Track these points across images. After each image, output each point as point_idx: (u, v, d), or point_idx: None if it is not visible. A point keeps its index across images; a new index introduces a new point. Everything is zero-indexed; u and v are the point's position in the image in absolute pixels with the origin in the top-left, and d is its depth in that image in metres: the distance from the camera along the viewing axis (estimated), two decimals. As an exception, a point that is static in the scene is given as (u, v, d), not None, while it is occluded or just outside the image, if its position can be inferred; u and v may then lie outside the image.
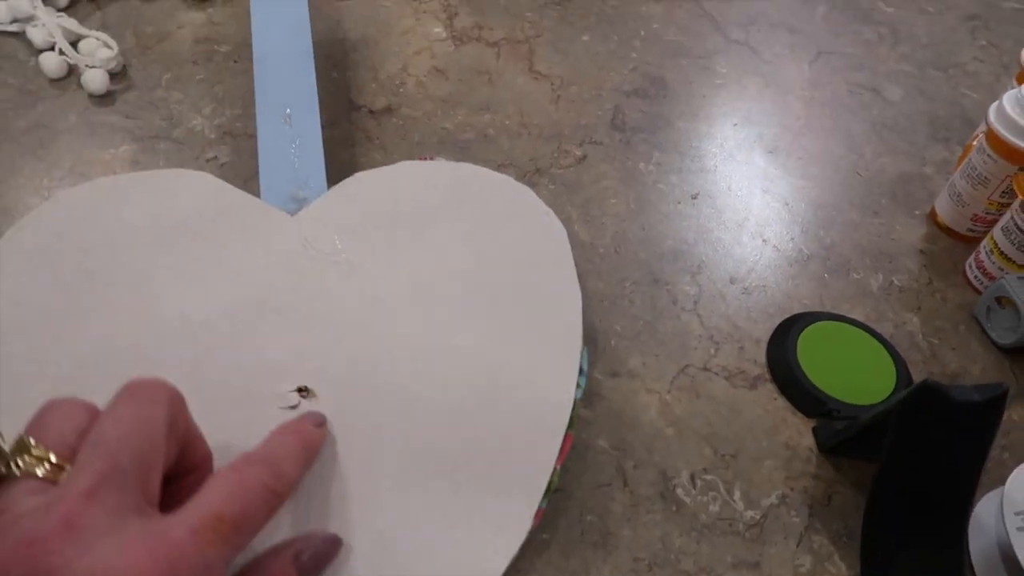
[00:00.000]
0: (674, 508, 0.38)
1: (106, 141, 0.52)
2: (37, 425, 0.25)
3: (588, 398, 0.42)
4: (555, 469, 0.34)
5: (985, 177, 0.49)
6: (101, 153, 0.51)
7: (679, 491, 0.39)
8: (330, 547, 0.30)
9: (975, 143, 0.50)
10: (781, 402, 0.42)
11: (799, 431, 0.41)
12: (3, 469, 0.24)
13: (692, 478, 0.39)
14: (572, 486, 0.38)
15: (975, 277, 0.50)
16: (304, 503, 0.32)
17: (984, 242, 0.49)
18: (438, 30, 0.62)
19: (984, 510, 0.39)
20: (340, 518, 0.32)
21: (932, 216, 0.54)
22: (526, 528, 0.33)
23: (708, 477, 0.39)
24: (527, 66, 0.60)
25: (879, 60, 0.65)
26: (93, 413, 0.26)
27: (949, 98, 0.63)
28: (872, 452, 0.38)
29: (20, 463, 0.23)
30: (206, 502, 0.24)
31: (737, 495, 0.39)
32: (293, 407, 0.35)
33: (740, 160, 0.56)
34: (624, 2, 0.67)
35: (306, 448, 0.30)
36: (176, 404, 0.26)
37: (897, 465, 0.37)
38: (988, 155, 0.48)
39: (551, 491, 0.34)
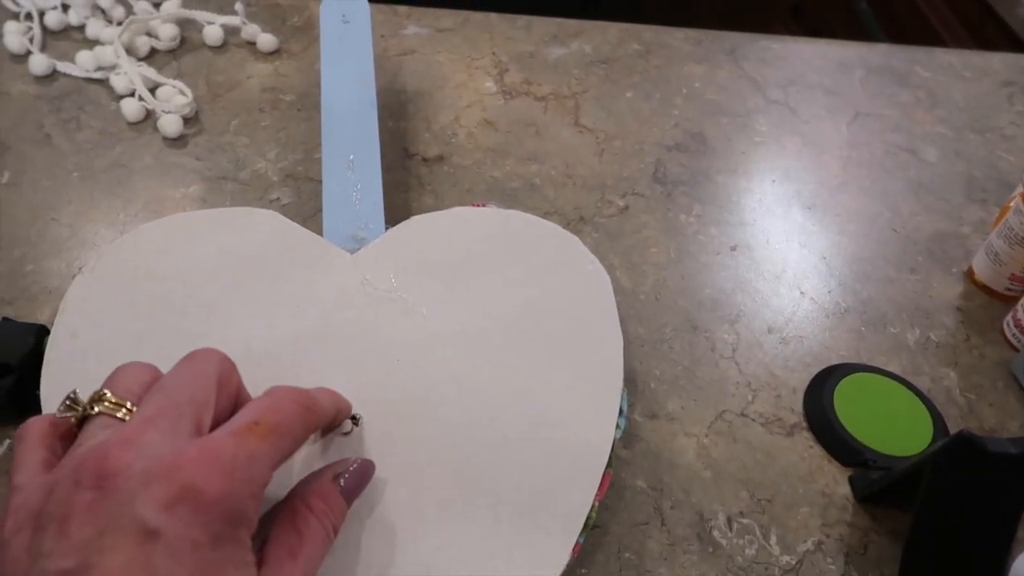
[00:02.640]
0: (710, 549, 0.39)
1: (178, 181, 0.55)
2: (111, 381, 0.29)
3: (627, 439, 0.43)
4: (593, 506, 0.36)
5: (1022, 237, 0.50)
6: (173, 192, 0.54)
7: (715, 533, 0.40)
8: (365, 469, 0.33)
9: (1012, 204, 0.52)
10: (817, 450, 0.43)
11: (835, 479, 0.42)
12: (82, 412, 0.28)
13: (728, 520, 0.40)
14: (610, 523, 0.39)
15: (1012, 335, 0.50)
16: (350, 526, 0.34)
17: (1022, 301, 0.50)
18: (489, 84, 0.66)
19: (1023, 566, 0.39)
20: (385, 542, 0.34)
21: (969, 274, 0.55)
22: (564, 562, 0.34)
23: (744, 520, 0.40)
24: (573, 120, 0.63)
25: (916, 122, 0.67)
26: (157, 373, 0.30)
27: (986, 160, 0.64)
28: (909, 502, 0.38)
29: (96, 407, 0.28)
30: (243, 414, 0.28)
31: (773, 539, 0.40)
32: (345, 433, 0.37)
33: (778, 215, 0.57)
34: (667, 62, 0.70)
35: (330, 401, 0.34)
36: (227, 364, 0.30)
37: (932, 516, 0.37)
38: (1023, 215, 0.50)
39: (589, 527, 0.35)
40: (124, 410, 0.28)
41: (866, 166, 0.62)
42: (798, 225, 0.57)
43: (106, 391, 0.28)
